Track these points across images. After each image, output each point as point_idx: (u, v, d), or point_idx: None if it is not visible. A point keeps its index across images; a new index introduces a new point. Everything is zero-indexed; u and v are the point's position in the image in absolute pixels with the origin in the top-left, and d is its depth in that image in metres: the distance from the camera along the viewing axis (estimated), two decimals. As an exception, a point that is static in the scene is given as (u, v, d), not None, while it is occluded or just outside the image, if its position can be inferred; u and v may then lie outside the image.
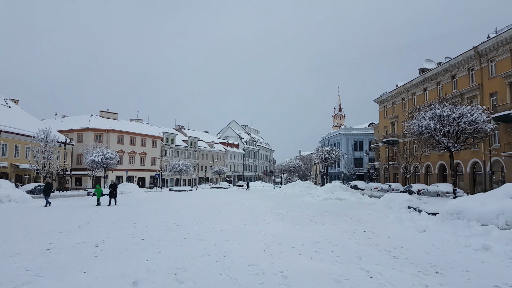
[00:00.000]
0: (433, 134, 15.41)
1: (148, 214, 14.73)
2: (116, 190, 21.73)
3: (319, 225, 10.85)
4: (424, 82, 44.31)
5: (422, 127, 15.77)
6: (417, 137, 17.74)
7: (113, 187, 21.74)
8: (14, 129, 41.32)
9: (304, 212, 15.34)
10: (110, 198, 21.19)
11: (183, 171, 59.67)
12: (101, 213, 15.07)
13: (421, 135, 16.88)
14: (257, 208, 17.74)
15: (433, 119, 15.44)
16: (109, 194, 21.39)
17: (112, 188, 21.59)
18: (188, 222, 11.67)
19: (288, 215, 13.73)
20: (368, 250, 7.05)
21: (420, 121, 16.02)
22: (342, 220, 12.19)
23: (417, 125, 16.30)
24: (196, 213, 14.71)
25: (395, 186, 37.93)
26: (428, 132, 15.63)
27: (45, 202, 19.52)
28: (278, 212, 15.01)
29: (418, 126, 16.19)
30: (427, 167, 43.01)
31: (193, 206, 19.63)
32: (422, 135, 16.70)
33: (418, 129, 16.32)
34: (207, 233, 9.23)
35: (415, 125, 16.51)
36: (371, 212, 14.47)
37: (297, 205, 19.82)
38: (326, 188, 25.69)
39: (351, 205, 19.98)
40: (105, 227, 10.42)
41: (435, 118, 15.40)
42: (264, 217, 13.14)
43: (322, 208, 17.42)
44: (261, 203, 21.34)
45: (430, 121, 15.36)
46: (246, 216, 13.49)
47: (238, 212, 15.05)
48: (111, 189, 21.49)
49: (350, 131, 75.33)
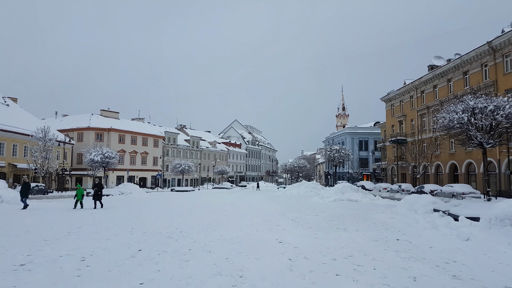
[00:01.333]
0: (466, 128, 13.88)
1: (148, 217, 13.37)
2: (102, 190, 19.21)
3: (342, 231, 9.46)
4: (434, 79, 42.82)
5: (454, 121, 14.24)
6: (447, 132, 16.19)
7: (98, 187, 19.08)
8: (12, 128, 40.16)
9: (318, 215, 13.95)
10: (94, 201, 18.59)
11: (185, 171, 58.38)
12: (97, 216, 13.73)
13: (450, 130, 15.35)
14: (266, 210, 16.36)
15: (465, 111, 13.91)
16: (93, 195, 18.80)
17: (97, 188, 18.99)
18: (192, 227, 10.28)
19: (302, 219, 12.34)
20: (418, 267, 5.69)
21: (451, 114, 14.49)
22: (365, 226, 10.80)
23: (447, 119, 14.74)
24: (200, 217, 13.32)
25: (405, 186, 36.45)
26: (460, 127, 14.09)
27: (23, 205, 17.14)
28: (291, 216, 13.63)
29: (448, 120, 14.64)
30: (437, 167, 41.54)
31: (197, 208, 18.25)
32: (451, 130, 15.15)
33: (448, 124, 14.79)
34: (216, 242, 7.84)
35: (445, 118, 14.96)
36: (393, 216, 13.07)
37: (308, 207, 18.44)
38: (336, 189, 24.29)
39: (365, 207, 18.58)
40: (98, 234, 9.07)
41: (468, 110, 13.87)
42: (277, 221, 11.74)
43: (336, 211, 16.04)
44: (269, 205, 19.97)
45: (462, 114, 13.83)
46: (256, 220, 12.09)
47: (247, 216, 13.66)
48: (96, 189, 18.92)
49: (355, 131, 73.82)
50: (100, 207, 18.46)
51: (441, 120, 15.35)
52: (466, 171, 36.43)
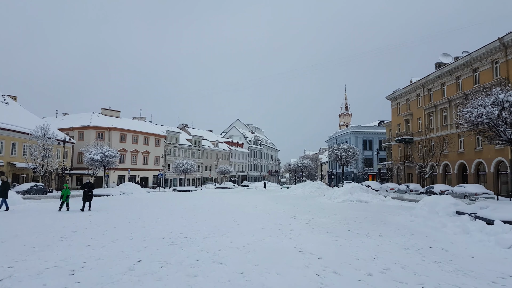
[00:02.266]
0: (495, 124, 12.80)
1: (149, 219, 12.42)
2: (92, 191, 17.14)
3: (365, 237, 8.49)
4: (442, 77, 41.76)
5: (482, 116, 13.15)
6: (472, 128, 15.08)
7: (88, 187, 16.98)
8: (11, 126, 39.33)
9: (331, 217, 12.98)
10: (83, 202, 16.73)
11: (187, 170, 57.48)
12: (94, 218, 12.79)
13: (477, 126, 14.25)
14: (275, 212, 15.39)
15: (495, 105, 12.83)
16: (83, 196, 16.88)
17: (87, 188, 16.94)
18: (198, 232, 9.30)
19: (316, 222, 11.37)
20: (473, 284, 4.75)
21: (478, 108, 13.41)
22: (387, 230, 9.83)
23: (474, 114, 13.65)
24: (206, 219, 12.34)
25: (414, 187, 35.41)
26: (489, 122, 12.99)
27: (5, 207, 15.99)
28: (302, 218, 12.66)
29: (476, 115, 13.54)
30: (445, 166, 40.51)
31: (201, 209, 17.29)
32: (479, 125, 14.06)
33: (475, 119, 13.69)
34: (226, 250, 6.88)
35: (471, 113, 13.86)
36: (414, 219, 12.10)
37: (318, 209, 17.47)
38: (344, 189, 23.31)
39: (378, 209, 17.62)
40: (93, 239, 8.13)
41: (497, 104, 12.80)
42: (289, 224, 10.78)
43: (349, 213, 15.07)
44: (276, 206, 19.00)
45: (492, 108, 12.75)
46: (267, 223, 11.11)
47: (256, 218, 12.68)
48: (86, 189, 16.90)
49: (359, 130, 72.76)
50: (88, 209, 16.72)
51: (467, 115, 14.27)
52: (475, 171, 35.40)
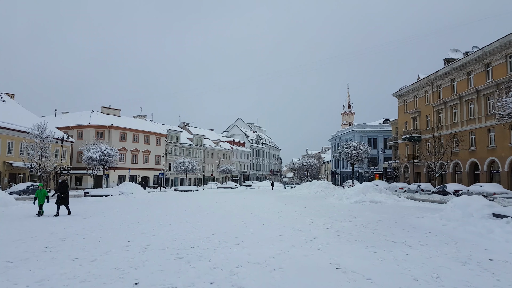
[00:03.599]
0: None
1: (150, 224, 11.11)
2: (67, 193, 14.28)
3: (405, 247, 7.18)
4: (451, 73, 40.37)
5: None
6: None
7: (62, 189, 14.10)
8: (7, 124, 38.08)
9: (352, 221, 11.68)
10: (58, 205, 13.96)
11: (188, 169, 56.20)
12: (88, 222, 11.50)
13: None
14: (287, 214, 14.08)
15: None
16: (56, 199, 14.14)
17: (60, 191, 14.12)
18: (206, 240, 7.95)
19: (338, 227, 10.05)
20: None
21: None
22: (424, 237, 8.52)
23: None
24: (213, 223, 11.02)
25: (425, 186, 34.06)
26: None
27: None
28: (320, 222, 11.34)
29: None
30: (455, 165, 39.16)
31: (206, 211, 15.98)
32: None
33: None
34: (245, 267, 5.51)
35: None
36: (446, 223, 10.81)
37: (333, 211, 16.16)
38: (357, 189, 21.99)
39: (397, 211, 16.32)
40: (83, 250, 6.83)
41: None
42: (309, 230, 9.47)
43: (369, 215, 13.75)
44: (286, 207, 17.69)
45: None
46: (284, 229, 9.77)
47: (269, 222, 11.36)
48: (59, 193, 14.15)
49: (364, 128, 71.34)
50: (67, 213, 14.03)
51: (510, 105, 13.03)
52: (488, 169, 34.06)
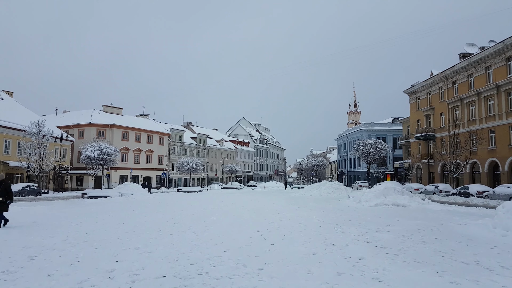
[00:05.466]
0: None
1: (147, 234, 9.28)
2: (10, 196, 10.84)
3: (486, 271, 5.32)
4: (468, 68, 38.30)
5: None
6: None
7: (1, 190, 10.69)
8: (4, 122, 36.55)
9: (390, 231, 9.78)
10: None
11: (192, 169, 54.45)
12: (76, 231, 9.73)
13: None
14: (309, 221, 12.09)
15: None
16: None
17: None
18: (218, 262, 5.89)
19: (379, 240, 8.07)
20: None
21: None
22: (496, 255, 6.64)
23: None
24: (223, 234, 9.05)
25: (443, 187, 32.01)
26: None
27: None
28: (353, 232, 9.39)
29: None
30: (472, 165, 37.08)
31: (213, 216, 14.11)
32: None
33: None
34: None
35: None
36: (505, 233, 8.93)
37: (357, 216, 14.22)
38: (377, 191, 20.05)
39: (427, 215, 14.47)
40: (50, 277, 4.94)
41: None
42: (347, 245, 7.40)
43: (403, 223, 11.72)
44: (304, 212, 15.78)
45: None
46: (313, 242, 7.74)
47: (290, 232, 9.44)
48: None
49: (373, 127, 69.21)
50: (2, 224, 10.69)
51: None
52: (509, 169, 31.98)
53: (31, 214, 14.64)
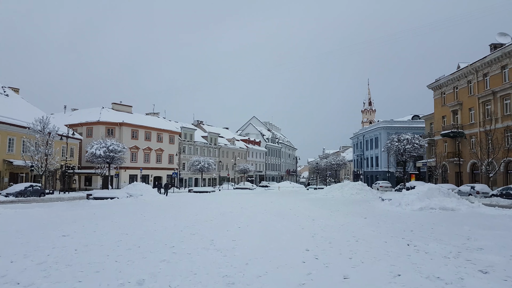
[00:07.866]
0: None
1: (154, 254, 6.84)
2: None
3: None
4: (502, 59, 35.09)
5: None
6: None
7: None
8: (8, 119, 34.83)
9: (484, 248, 7.22)
10: None
11: (204, 169, 52.19)
12: (66, 244, 7.47)
13: None
14: (362, 232, 9.40)
15: None
16: None
17: None
18: None
19: (493, 266, 5.56)
20: None
21: None
22: None
23: None
24: (264, 256, 6.23)
25: (480, 188, 29.03)
26: None
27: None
28: (439, 251, 6.80)
29: None
30: (507, 164, 33.90)
31: (238, 225, 11.30)
32: None
33: None
34: None
35: None
36: None
37: (412, 224, 11.65)
38: (419, 193, 17.35)
39: (492, 222, 11.89)
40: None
41: None
42: (461, 279, 4.98)
43: (485, 235, 9.04)
44: (343, 218, 13.22)
45: None
46: (408, 275, 5.25)
47: (354, 252, 6.84)
48: None
49: (391, 125, 65.95)
50: None
51: None
52: None
53: (22, 219, 12.44)
